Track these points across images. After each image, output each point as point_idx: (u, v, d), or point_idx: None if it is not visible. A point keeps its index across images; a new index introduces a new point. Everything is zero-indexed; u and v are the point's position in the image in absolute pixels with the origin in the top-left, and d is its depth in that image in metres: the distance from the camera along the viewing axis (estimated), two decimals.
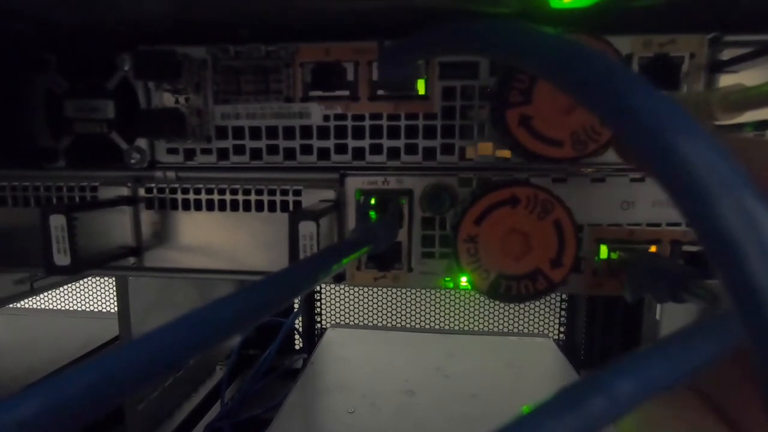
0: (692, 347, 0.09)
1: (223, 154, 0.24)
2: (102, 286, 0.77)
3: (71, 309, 0.78)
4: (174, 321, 0.09)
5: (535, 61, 0.09)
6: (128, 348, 0.08)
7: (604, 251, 0.22)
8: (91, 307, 0.78)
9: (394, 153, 0.23)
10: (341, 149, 0.24)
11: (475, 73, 0.22)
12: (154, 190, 0.24)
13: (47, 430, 0.07)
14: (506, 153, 0.22)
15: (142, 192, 0.24)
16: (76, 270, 0.20)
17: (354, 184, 0.24)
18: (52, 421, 0.07)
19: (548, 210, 0.19)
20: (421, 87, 0.23)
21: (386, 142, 0.23)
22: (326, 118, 0.23)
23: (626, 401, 0.08)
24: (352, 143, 0.23)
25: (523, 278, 0.19)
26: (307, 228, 0.20)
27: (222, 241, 0.25)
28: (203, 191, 0.24)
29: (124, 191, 0.24)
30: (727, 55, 0.22)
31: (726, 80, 0.22)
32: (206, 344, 0.10)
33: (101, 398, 0.07)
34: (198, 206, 0.24)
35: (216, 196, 0.24)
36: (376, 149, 0.23)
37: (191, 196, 0.24)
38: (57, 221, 0.19)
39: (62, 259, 0.20)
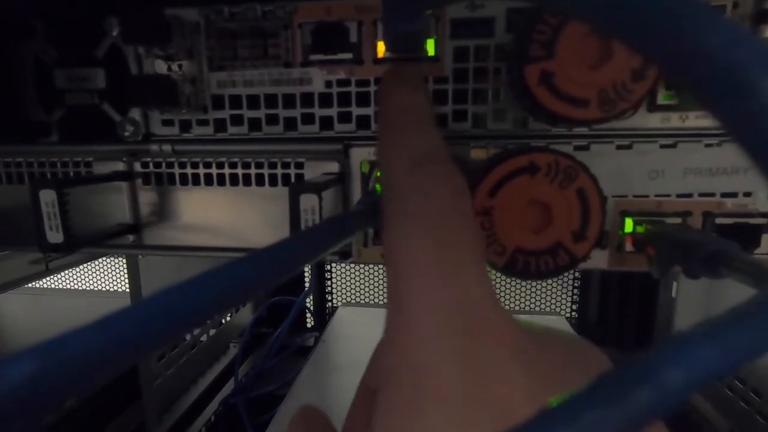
0: (747, 329, 0.07)
1: (220, 125, 0.23)
2: (116, 265, 0.78)
3: (86, 288, 0.79)
4: (159, 293, 0.09)
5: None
6: (126, 312, 0.08)
7: (629, 224, 0.21)
8: (106, 287, 0.79)
9: None
10: (345, 118, 0.22)
11: (490, 30, 0.20)
12: (150, 165, 0.23)
13: (45, 393, 0.06)
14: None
15: (137, 167, 0.23)
16: (70, 248, 0.19)
17: (359, 155, 0.22)
18: (50, 384, 0.06)
19: (571, 178, 0.17)
20: (430, 47, 0.21)
21: None
22: (328, 84, 0.22)
23: (676, 393, 0.06)
24: (356, 111, 0.22)
25: (542, 253, 0.17)
26: (308, 201, 0.18)
27: (223, 217, 0.24)
28: (201, 165, 0.23)
29: (120, 166, 0.23)
30: None
31: None
32: (189, 320, 0.09)
33: (103, 360, 0.07)
34: (196, 181, 0.23)
35: (215, 170, 0.23)
36: None
37: (189, 171, 0.23)
38: (47, 197, 0.18)
39: (55, 236, 0.19)
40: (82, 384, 0.07)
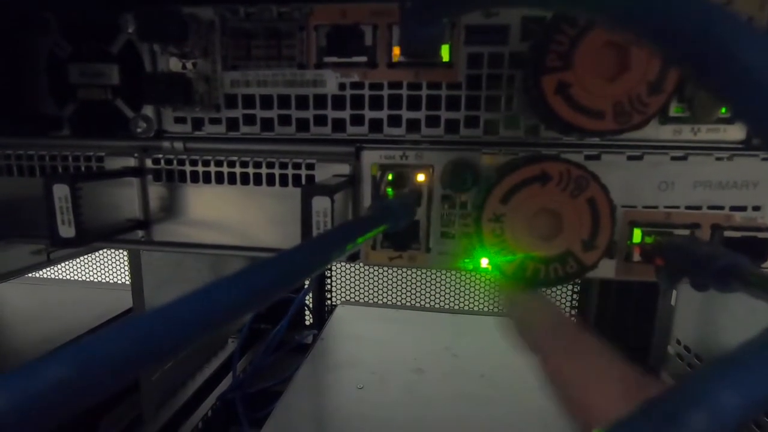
0: None
1: (232, 124, 0.23)
2: (117, 257, 0.78)
3: (87, 280, 0.79)
4: (184, 297, 0.09)
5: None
6: (149, 317, 0.08)
7: (637, 235, 0.21)
8: (107, 278, 0.79)
9: (414, 125, 0.22)
10: (357, 120, 0.22)
11: (504, 38, 0.20)
12: (162, 161, 0.23)
13: (77, 393, 0.07)
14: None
15: (149, 163, 0.23)
16: (82, 242, 0.19)
17: (370, 158, 0.22)
18: (81, 385, 0.07)
19: (582, 187, 0.17)
20: (445, 53, 0.21)
21: (406, 114, 0.22)
22: (342, 86, 0.22)
23: (732, 418, 0.06)
24: (369, 114, 0.22)
25: (552, 261, 0.18)
26: (320, 204, 0.18)
27: (232, 216, 0.24)
28: (212, 163, 0.23)
29: (131, 162, 0.23)
30: None
31: None
32: (215, 323, 0.09)
33: (131, 363, 0.07)
34: (207, 179, 0.23)
35: (225, 169, 0.23)
36: (394, 121, 0.22)
37: (200, 168, 0.23)
38: (60, 191, 0.18)
39: (67, 230, 0.19)
40: (111, 384, 0.07)
